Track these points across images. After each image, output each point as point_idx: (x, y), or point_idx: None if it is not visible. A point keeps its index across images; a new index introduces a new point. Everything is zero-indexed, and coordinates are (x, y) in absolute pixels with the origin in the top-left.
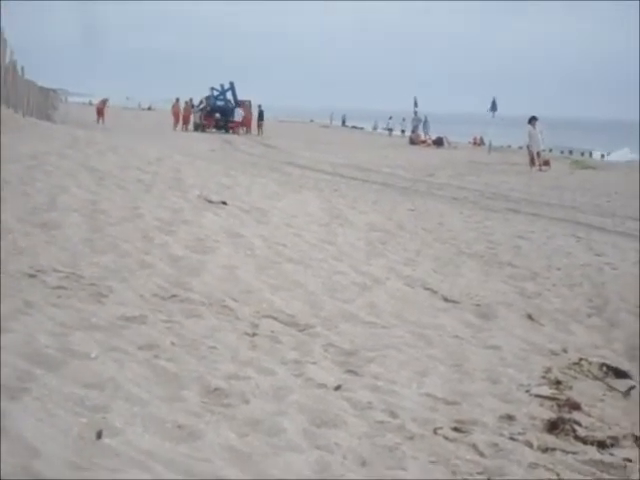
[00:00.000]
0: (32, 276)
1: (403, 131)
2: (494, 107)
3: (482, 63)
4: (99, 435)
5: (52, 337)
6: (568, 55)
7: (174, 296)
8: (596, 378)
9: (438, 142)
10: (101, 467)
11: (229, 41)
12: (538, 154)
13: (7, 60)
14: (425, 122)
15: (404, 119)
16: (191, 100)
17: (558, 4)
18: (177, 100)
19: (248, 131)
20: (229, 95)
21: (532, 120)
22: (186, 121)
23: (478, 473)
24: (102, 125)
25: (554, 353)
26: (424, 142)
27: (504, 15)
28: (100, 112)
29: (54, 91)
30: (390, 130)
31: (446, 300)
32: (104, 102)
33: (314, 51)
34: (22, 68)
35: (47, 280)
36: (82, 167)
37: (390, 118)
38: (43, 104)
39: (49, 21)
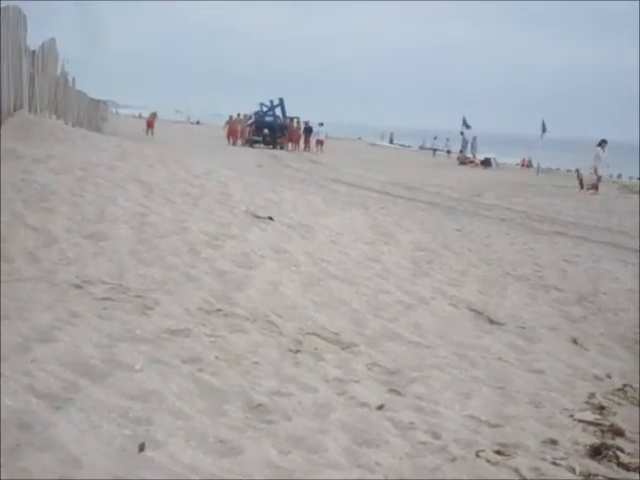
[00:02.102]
0: (79, 287)
1: (448, 151)
2: (543, 129)
3: (532, 84)
4: (142, 448)
5: (97, 348)
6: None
7: (219, 310)
8: None
9: (486, 163)
10: (143, 479)
11: (273, 56)
12: (599, 178)
13: (58, 71)
14: (473, 142)
15: (448, 139)
16: (238, 115)
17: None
18: (238, 115)
19: (295, 147)
20: (278, 111)
21: (602, 143)
22: (234, 136)
23: None
24: (151, 137)
25: (598, 378)
26: (472, 162)
27: (557, 36)
28: (150, 124)
29: (104, 103)
30: (434, 150)
31: (491, 322)
32: (154, 115)
33: (364, 67)
34: (73, 79)
35: (94, 291)
36: (131, 179)
37: (435, 138)
38: (93, 115)
39: (101, 33)
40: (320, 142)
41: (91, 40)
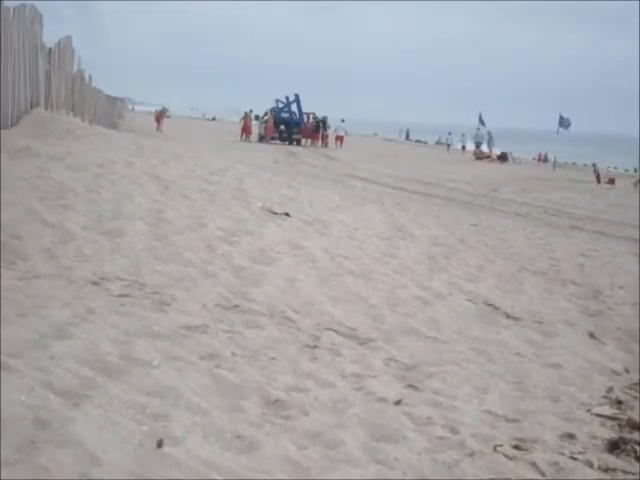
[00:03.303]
0: (96, 283)
1: (463, 147)
2: (561, 123)
3: (548, 79)
4: (160, 444)
5: (115, 345)
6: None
7: (236, 306)
8: None
9: (502, 158)
10: (161, 476)
11: (291, 52)
12: None
13: (75, 69)
14: (490, 138)
15: (464, 135)
16: (251, 111)
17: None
18: (250, 112)
19: (312, 143)
20: (294, 107)
21: None
22: (247, 132)
23: None
24: (162, 133)
25: (616, 373)
26: (489, 157)
27: (573, 31)
28: (158, 120)
29: (121, 100)
30: (449, 145)
31: (508, 317)
32: (162, 111)
33: (378, 62)
34: (89, 76)
35: (111, 288)
36: (147, 176)
37: (449, 134)
38: (110, 112)
39: (119, 31)
40: (340, 138)
41: (94, 39)
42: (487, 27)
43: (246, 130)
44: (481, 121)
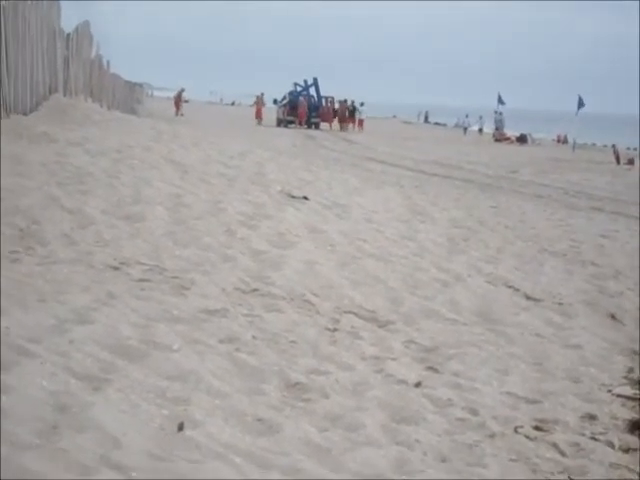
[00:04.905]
0: (116, 268)
1: (480, 129)
2: (580, 104)
3: (566, 60)
4: (180, 427)
5: (135, 329)
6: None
7: (255, 290)
8: None
9: (522, 139)
10: (182, 459)
11: (304, 35)
12: None
13: (93, 54)
14: (501, 119)
15: (481, 117)
16: (262, 94)
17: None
18: (262, 95)
19: (342, 127)
20: (312, 91)
21: None
22: (259, 116)
23: (559, 472)
24: (181, 117)
25: (636, 353)
26: (508, 139)
27: (590, 10)
28: (177, 104)
29: (139, 85)
30: (465, 128)
31: (528, 298)
32: (180, 92)
33: (405, 47)
34: (108, 62)
35: (131, 272)
36: (166, 161)
37: (467, 116)
38: (128, 98)
39: (137, 16)
40: (360, 122)
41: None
42: (506, 9)
43: (258, 114)
44: (500, 101)
